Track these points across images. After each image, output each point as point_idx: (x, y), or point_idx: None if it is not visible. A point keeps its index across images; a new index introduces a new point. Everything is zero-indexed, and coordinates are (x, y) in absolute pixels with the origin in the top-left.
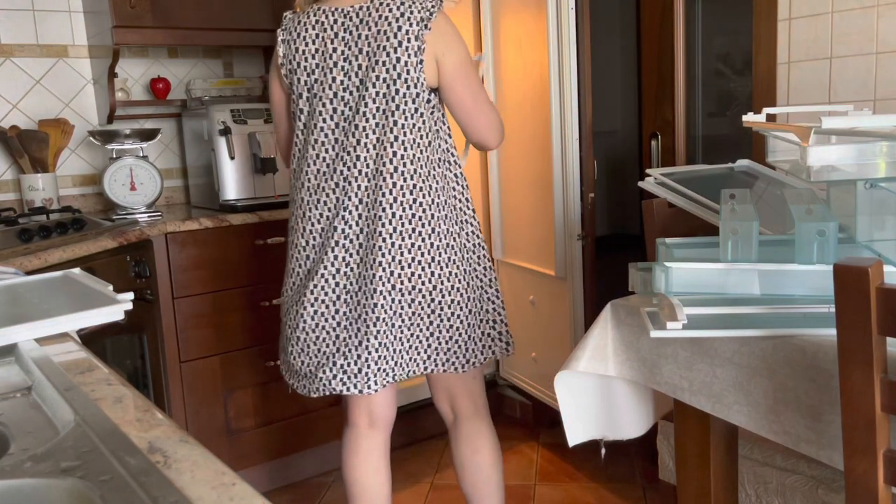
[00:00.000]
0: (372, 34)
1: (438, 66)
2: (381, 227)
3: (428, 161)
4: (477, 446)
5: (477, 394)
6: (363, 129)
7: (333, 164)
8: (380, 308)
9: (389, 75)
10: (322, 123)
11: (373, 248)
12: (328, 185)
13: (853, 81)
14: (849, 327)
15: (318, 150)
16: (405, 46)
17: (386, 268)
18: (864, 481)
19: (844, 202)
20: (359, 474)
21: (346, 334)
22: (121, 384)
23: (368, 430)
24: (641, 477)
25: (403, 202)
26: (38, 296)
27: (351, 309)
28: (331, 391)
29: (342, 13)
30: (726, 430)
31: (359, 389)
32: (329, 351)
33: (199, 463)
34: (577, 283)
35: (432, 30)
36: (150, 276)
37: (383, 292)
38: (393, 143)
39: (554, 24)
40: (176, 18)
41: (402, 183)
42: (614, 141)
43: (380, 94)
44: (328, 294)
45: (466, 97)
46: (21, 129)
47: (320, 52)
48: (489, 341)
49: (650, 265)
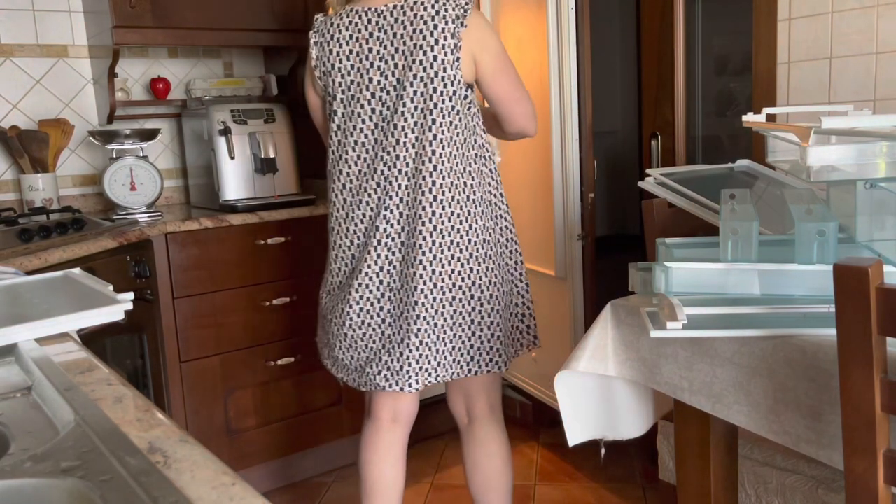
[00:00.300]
0: (408, 33)
1: (476, 62)
2: (422, 225)
3: (464, 157)
4: (491, 450)
5: (494, 396)
6: (402, 129)
7: (373, 164)
8: (420, 306)
9: (427, 73)
10: (361, 124)
11: (413, 247)
12: (369, 186)
13: (853, 81)
14: (849, 327)
15: (358, 150)
16: (441, 45)
17: (426, 266)
18: (864, 481)
19: (844, 202)
20: (377, 468)
21: (391, 331)
22: (121, 384)
23: (391, 425)
24: (641, 477)
25: (443, 200)
26: (38, 296)
27: (395, 306)
28: (375, 386)
29: (376, 13)
30: (726, 430)
31: (400, 387)
32: (375, 347)
33: (199, 463)
34: (577, 283)
35: (468, 27)
36: (150, 276)
37: (424, 290)
38: (432, 142)
39: (554, 24)
40: (176, 18)
41: (440, 181)
42: (614, 141)
43: (418, 93)
44: (373, 292)
45: (509, 89)
46: (21, 129)
47: (355, 53)
48: (518, 335)
49: (650, 265)
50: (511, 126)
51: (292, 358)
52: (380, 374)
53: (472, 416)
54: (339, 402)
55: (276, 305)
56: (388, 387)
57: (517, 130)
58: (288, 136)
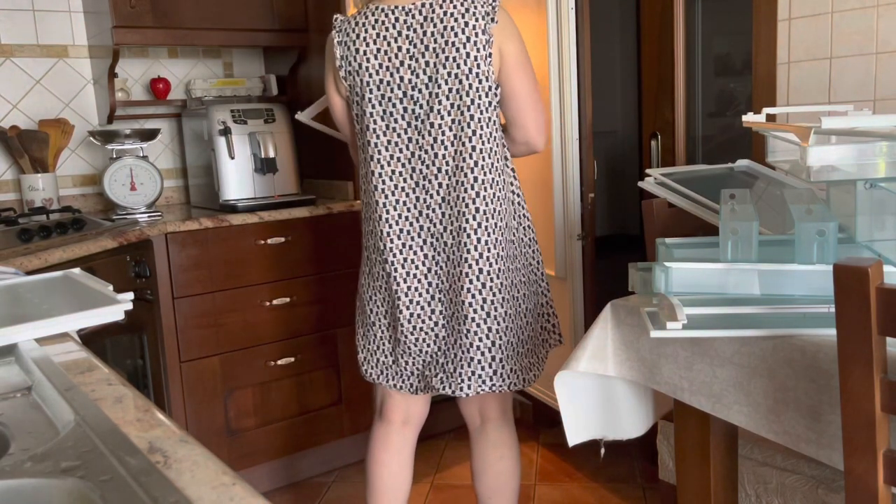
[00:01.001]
0: (438, 31)
1: (502, 53)
2: (466, 223)
3: (501, 155)
4: (502, 452)
5: (507, 400)
6: (439, 127)
7: (410, 164)
8: (468, 306)
9: (461, 70)
10: (394, 123)
11: (460, 245)
12: (407, 185)
13: (853, 81)
14: (849, 327)
15: (391, 150)
16: (473, 41)
17: (473, 265)
18: (864, 481)
19: (844, 202)
20: (387, 469)
21: (445, 333)
22: (121, 384)
23: (402, 427)
24: (641, 477)
25: (486, 196)
26: (38, 296)
27: (446, 307)
28: (432, 390)
29: (404, 11)
30: (726, 430)
31: (453, 391)
32: (431, 350)
33: (199, 463)
34: (577, 283)
35: (499, 23)
36: (150, 276)
37: (472, 291)
38: (472, 138)
39: (554, 24)
40: (176, 18)
41: (482, 177)
42: (614, 141)
43: (453, 91)
44: (422, 295)
45: (523, 89)
46: (21, 129)
47: (383, 52)
48: (546, 335)
49: (650, 265)
50: (520, 132)
51: (292, 358)
52: (436, 377)
53: (484, 418)
54: (339, 402)
55: (276, 305)
56: (441, 389)
57: (523, 138)
58: (288, 136)
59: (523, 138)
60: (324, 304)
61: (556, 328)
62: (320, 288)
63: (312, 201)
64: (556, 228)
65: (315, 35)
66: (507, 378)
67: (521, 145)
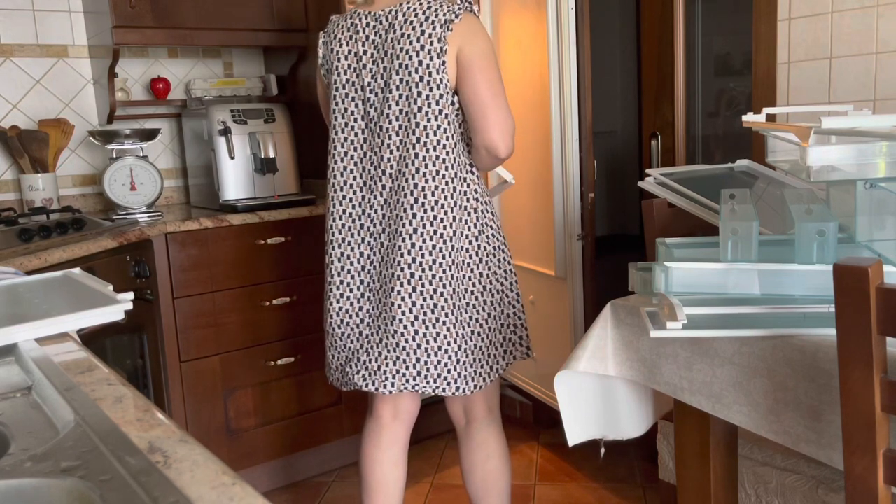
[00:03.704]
0: (396, 37)
1: (458, 56)
2: (402, 227)
3: (455, 163)
4: (489, 452)
5: (492, 398)
6: (387, 130)
7: (361, 163)
8: (396, 308)
9: (411, 77)
10: (353, 123)
11: (394, 248)
12: (356, 183)
13: (853, 81)
14: (849, 327)
15: (347, 147)
16: (427, 49)
17: (405, 269)
18: (863, 481)
19: (844, 202)
20: (378, 466)
21: (369, 331)
22: (121, 384)
23: (392, 423)
24: (641, 477)
25: (425, 203)
26: (38, 296)
27: (374, 306)
28: (353, 386)
29: (374, 17)
30: (726, 430)
31: (376, 388)
32: (353, 347)
33: (199, 463)
34: (577, 283)
35: (454, 30)
36: (150, 276)
37: (402, 293)
38: (415, 145)
39: (554, 24)
40: (176, 18)
41: (423, 184)
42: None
43: (403, 97)
44: (353, 291)
45: (484, 93)
46: (21, 129)
47: (353, 54)
48: (510, 346)
49: (650, 265)
50: (480, 136)
51: (292, 358)
52: (357, 374)
53: (469, 418)
54: (339, 402)
55: (276, 305)
56: (364, 387)
57: (486, 142)
58: (288, 136)
59: (483, 142)
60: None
61: (523, 341)
62: (320, 288)
63: (312, 201)
64: (556, 228)
65: (315, 35)
66: (434, 381)
67: (482, 150)
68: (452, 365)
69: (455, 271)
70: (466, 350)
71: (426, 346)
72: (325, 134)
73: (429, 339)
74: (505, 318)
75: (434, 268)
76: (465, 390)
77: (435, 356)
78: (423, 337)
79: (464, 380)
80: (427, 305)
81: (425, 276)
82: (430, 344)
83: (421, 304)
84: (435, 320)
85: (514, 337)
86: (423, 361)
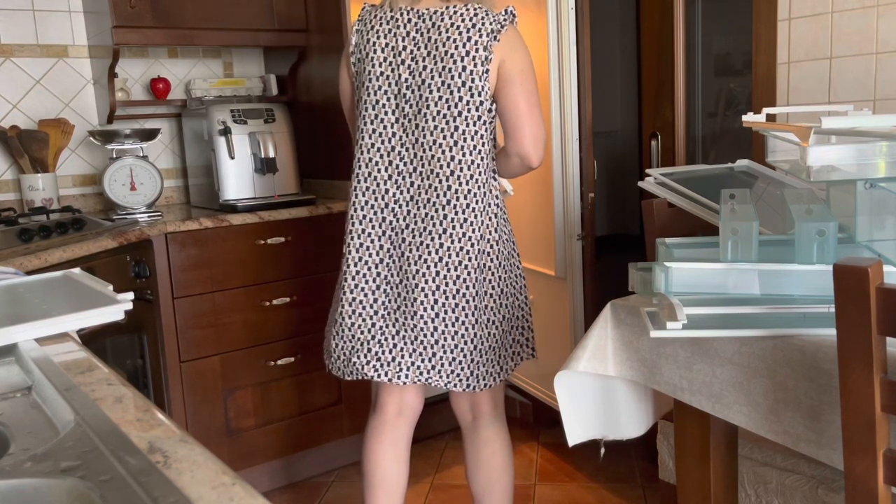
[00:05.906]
0: (441, 39)
1: (500, 67)
2: (433, 226)
3: (487, 168)
4: (495, 449)
5: (498, 395)
6: (422, 129)
7: (389, 157)
8: (419, 304)
9: (454, 82)
10: (383, 116)
11: (420, 245)
12: (381, 177)
13: (853, 81)
14: (849, 327)
15: (374, 139)
16: (472, 56)
17: (431, 267)
18: (863, 481)
19: (844, 202)
20: (381, 462)
21: (383, 323)
22: (121, 384)
23: (396, 419)
24: (641, 477)
25: (457, 205)
26: (38, 296)
27: (391, 299)
28: (361, 376)
29: (417, 14)
30: (726, 430)
31: (389, 378)
32: (363, 337)
33: (199, 463)
34: (577, 283)
35: (500, 41)
36: (150, 276)
37: (426, 290)
38: (452, 147)
39: (554, 24)
40: (176, 18)
41: (457, 186)
42: (614, 141)
43: (443, 99)
44: (368, 283)
45: (521, 100)
46: (21, 129)
47: (390, 47)
48: (518, 348)
49: (650, 265)
50: (515, 143)
51: (292, 358)
52: (368, 364)
53: (475, 415)
54: (339, 402)
55: (276, 305)
56: (376, 376)
57: (519, 152)
58: (288, 136)
59: (517, 150)
60: (324, 303)
61: (529, 342)
62: (320, 288)
63: (312, 201)
64: (556, 228)
65: (315, 35)
66: (448, 377)
67: (515, 158)
68: (467, 363)
69: (478, 273)
70: (481, 349)
71: (444, 343)
72: (325, 134)
73: (447, 336)
74: (516, 319)
75: (459, 269)
76: (476, 388)
77: (451, 353)
78: (442, 334)
79: (475, 378)
80: (449, 305)
81: (450, 276)
82: (447, 341)
83: (443, 302)
84: (455, 319)
85: (521, 338)
86: (440, 357)
